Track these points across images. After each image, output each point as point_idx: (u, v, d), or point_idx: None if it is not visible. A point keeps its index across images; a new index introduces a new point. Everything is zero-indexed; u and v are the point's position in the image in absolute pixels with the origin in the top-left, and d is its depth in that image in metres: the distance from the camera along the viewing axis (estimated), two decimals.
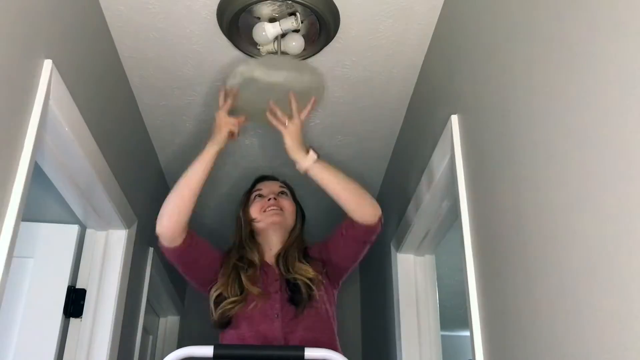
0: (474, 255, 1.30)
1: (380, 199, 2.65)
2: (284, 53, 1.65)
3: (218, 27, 1.61)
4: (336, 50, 1.71)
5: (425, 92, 1.80)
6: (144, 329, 2.43)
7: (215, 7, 1.54)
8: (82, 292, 1.83)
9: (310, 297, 1.54)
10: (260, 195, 1.76)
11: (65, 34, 1.32)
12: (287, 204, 1.75)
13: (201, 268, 1.63)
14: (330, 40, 1.66)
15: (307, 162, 1.54)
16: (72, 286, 1.81)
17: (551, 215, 0.90)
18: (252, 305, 1.54)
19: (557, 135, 0.89)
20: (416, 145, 1.90)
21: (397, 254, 2.22)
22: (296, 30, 1.60)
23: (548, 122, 0.92)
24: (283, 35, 1.62)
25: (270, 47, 1.64)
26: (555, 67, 0.90)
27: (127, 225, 1.95)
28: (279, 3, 1.52)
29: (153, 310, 2.86)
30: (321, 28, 1.59)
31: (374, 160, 2.35)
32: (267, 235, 1.72)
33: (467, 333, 1.29)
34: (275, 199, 1.72)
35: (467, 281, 1.29)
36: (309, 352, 1.35)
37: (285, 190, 1.80)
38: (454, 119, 1.45)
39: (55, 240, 1.81)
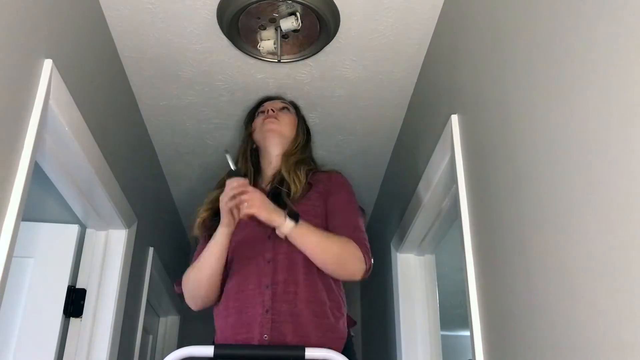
0: (474, 255, 1.30)
1: (380, 198, 2.65)
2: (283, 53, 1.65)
3: (218, 27, 1.61)
4: (336, 50, 1.71)
5: (425, 91, 1.80)
6: (144, 329, 2.43)
7: (215, 7, 1.54)
8: (82, 292, 1.83)
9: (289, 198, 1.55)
10: (262, 112, 1.80)
11: (65, 34, 1.32)
12: (287, 116, 1.79)
13: None
14: (330, 40, 1.66)
15: (285, 228, 1.42)
16: (72, 286, 1.81)
17: (551, 214, 0.90)
18: (243, 232, 1.55)
19: (557, 135, 0.89)
20: (416, 144, 1.90)
21: (397, 254, 2.22)
22: (296, 31, 1.60)
23: (548, 121, 0.92)
24: (284, 36, 1.62)
25: (271, 47, 1.65)
26: (555, 66, 0.90)
27: (127, 225, 1.95)
28: (279, 3, 1.52)
29: (153, 310, 2.86)
30: (321, 28, 1.59)
31: (374, 159, 2.35)
32: (267, 148, 1.73)
33: (467, 333, 1.29)
34: (274, 111, 1.77)
35: (467, 281, 1.29)
36: (309, 352, 1.36)
37: (287, 106, 1.83)
38: (454, 118, 1.45)
39: (55, 240, 1.81)
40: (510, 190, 1.08)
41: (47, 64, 1.21)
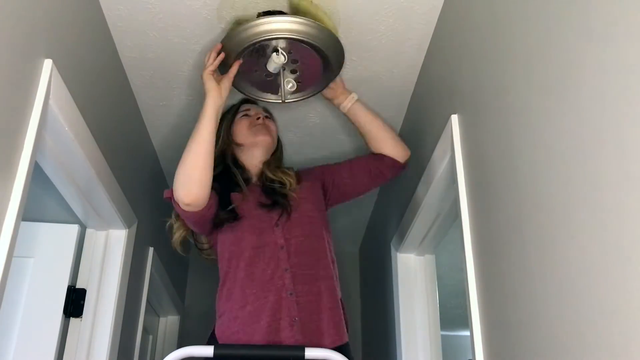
0: (474, 255, 1.30)
1: (381, 198, 2.65)
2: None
3: (218, 27, 1.61)
4: None
5: (425, 92, 1.81)
6: (144, 329, 2.43)
7: (215, 7, 1.54)
8: (82, 292, 1.83)
9: (287, 197, 1.63)
10: (247, 115, 1.81)
11: (65, 34, 1.32)
12: (273, 126, 1.83)
13: (213, 217, 1.60)
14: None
15: (350, 101, 1.77)
16: (72, 286, 1.81)
17: (551, 214, 0.90)
18: (250, 221, 1.61)
19: (556, 135, 0.89)
20: (416, 145, 1.90)
21: (397, 254, 2.22)
22: (295, 61, 1.61)
23: (548, 121, 0.92)
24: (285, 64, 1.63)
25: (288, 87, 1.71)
26: (554, 66, 0.90)
27: (127, 225, 1.95)
28: (255, 47, 1.53)
29: (153, 310, 2.86)
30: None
31: None
32: (252, 154, 1.76)
33: (467, 333, 1.29)
34: (263, 119, 1.80)
35: (467, 281, 1.29)
36: (309, 352, 1.36)
37: (269, 115, 1.88)
38: (454, 118, 1.45)
39: (55, 240, 1.81)
40: (510, 190, 1.08)
41: (47, 64, 1.21)
